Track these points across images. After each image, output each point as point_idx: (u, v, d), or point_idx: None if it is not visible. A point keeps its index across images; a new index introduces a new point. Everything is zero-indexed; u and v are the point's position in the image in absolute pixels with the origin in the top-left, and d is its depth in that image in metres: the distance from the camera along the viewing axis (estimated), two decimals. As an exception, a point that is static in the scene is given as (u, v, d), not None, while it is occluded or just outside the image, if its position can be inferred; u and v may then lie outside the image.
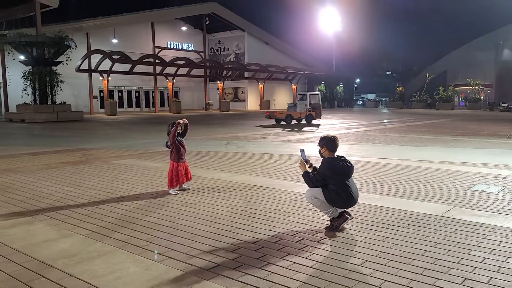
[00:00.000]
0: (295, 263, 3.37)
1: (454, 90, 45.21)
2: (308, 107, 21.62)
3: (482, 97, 44.20)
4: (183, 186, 5.97)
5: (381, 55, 59.42)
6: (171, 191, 5.79)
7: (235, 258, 3.46)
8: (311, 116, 21.25)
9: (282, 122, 21.04)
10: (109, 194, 5.78)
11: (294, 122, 21.18)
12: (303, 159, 4.31)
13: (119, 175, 7.16)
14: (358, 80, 54.30)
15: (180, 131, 5.95)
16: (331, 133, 4.41)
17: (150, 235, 4.04)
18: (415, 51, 56.53)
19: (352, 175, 4.24)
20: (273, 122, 21.52)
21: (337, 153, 4.30)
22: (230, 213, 4.81)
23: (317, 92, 24.04)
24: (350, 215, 4.24)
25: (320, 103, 23.09)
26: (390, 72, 61.38)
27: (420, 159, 8.84)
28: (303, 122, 21.30)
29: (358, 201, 4.38)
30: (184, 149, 5.96)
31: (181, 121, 5.94)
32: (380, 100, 60.28)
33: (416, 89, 48.92)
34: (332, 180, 4.11)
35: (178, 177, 5.81)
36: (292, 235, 4.04)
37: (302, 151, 4.38)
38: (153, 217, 4.64)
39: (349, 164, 4.20)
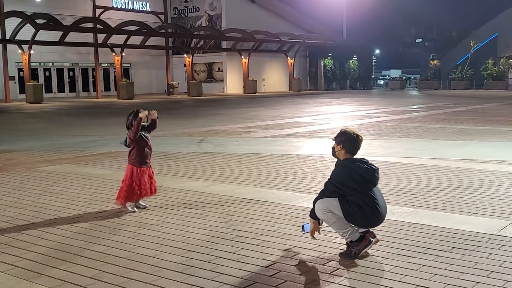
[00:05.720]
0: (300, 303, 3.40)
1: (507, 63, 45.95)
2: None
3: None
4: (140, 202, 5.94)
5: (409, 17, 59.95)
6: (128, 206, 5.78)
7: (217, 299, 3.49)
8: None
9: None
10: (36, 213, 5.76)
11: None
12: (307, 231, 4.33)
13: (49, 187, 7.15)
14: (377, 52, 54.82)
15: (146, 123, 5.92)
16: (355, 130, 4.45)
17: (98, 270, 4.03)
18: (454, 11, 57.27)
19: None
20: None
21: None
22: (207, 237, 4.83)
23: None
24: (375, 237, 4.28)
25: None
26: (421, 40, 62.07)
27: (465, 158, 8.98)
28: None
29: (384, 217, 4.43)
30: (150, 149, 6.04)
31: (142, 114, 5.75)
32: (407, 79, 60.91)
33: (456, 62, 49.59)
34: (350, 189, 4.14)
35: (141, 188, 5.77)
36: (295, 266, 4.07)
37: (305, 226, 4.38)
38: (100, 245, 4.64)
39: (373, 167, 4.25)
